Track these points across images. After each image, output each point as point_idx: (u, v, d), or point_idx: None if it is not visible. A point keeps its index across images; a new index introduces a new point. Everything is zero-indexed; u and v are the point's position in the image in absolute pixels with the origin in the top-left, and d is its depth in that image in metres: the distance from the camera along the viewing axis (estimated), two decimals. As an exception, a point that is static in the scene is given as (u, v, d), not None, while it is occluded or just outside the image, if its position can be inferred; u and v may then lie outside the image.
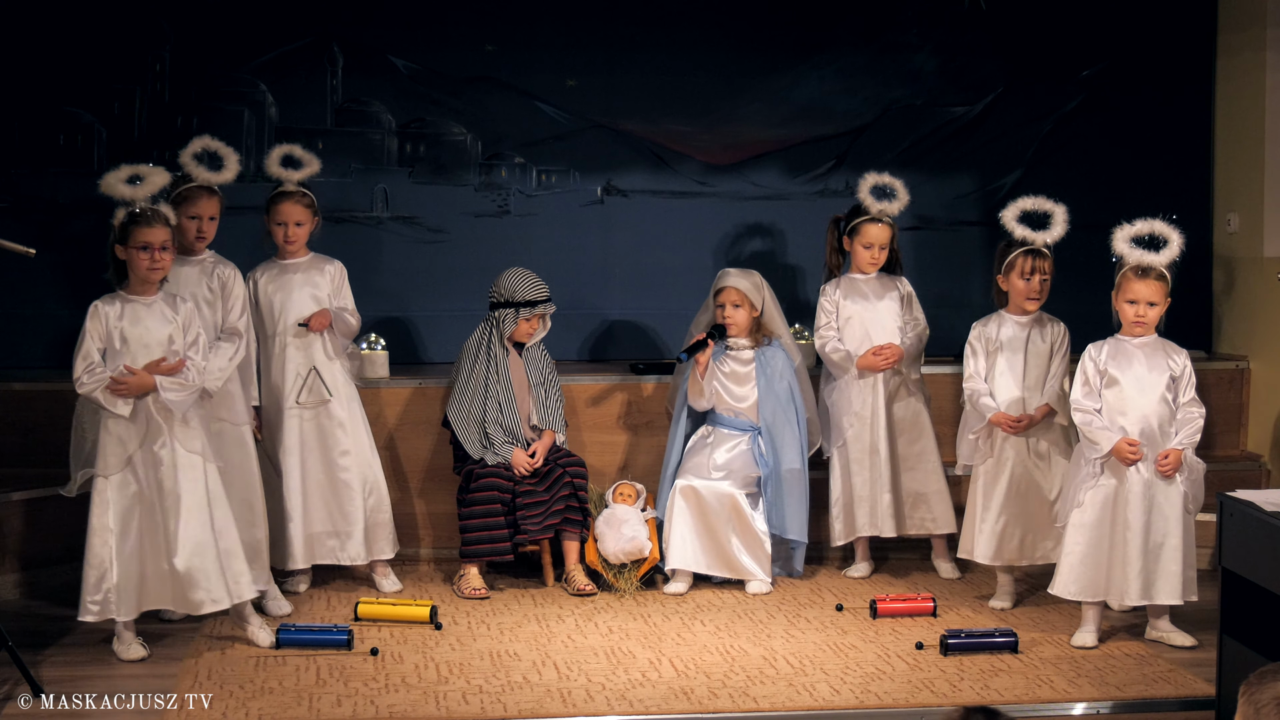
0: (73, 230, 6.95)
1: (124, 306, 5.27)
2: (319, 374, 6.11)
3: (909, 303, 6.51)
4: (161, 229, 5.25)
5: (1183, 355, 5.51)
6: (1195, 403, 5.47)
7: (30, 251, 5.20)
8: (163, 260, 5.26)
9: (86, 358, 5.20)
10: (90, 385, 5.18)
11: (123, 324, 5.24)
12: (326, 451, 6.13)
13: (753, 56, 7.37)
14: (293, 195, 6.11)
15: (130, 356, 5.21)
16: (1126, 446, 5.36)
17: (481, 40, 7.26)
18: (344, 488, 6.14)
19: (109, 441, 5.23)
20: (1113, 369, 5.46)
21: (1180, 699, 4.97)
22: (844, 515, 6.45)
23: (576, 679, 5.09)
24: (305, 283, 6.15)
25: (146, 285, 5.30)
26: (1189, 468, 5.42)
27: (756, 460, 6.30)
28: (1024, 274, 5.93)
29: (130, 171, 5.36)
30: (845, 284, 6.52)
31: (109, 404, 5.19)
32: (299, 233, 6.13)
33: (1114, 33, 7.50)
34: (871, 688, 5.02)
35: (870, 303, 6.46)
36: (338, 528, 6.15)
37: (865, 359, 6.37)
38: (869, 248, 6.45)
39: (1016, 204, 5.97)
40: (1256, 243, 7.15)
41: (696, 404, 6.38)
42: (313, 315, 6.08)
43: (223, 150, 5.90)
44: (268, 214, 6.15)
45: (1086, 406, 5.46)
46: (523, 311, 6.27)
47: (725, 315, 6.34)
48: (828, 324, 6.48)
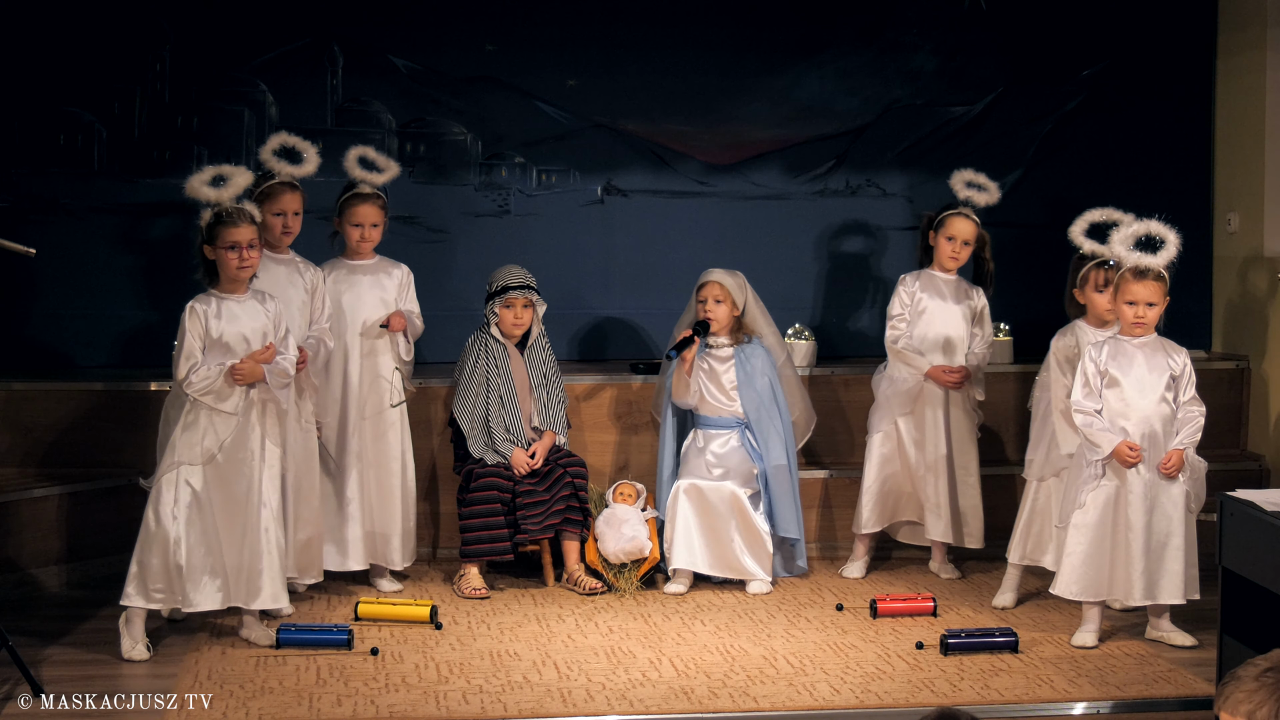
0: (74, 230, 6.96)
1: (219, 305, 5.33)
2: (401, 376, 6.17)
3: (981, 317, 6.46)
4: (248, 227, 5.30)
5: (1182, 354, 5.51)
6: (1195, 401, 5.47)
7: (30, 251, 5.20)
8: (251, 258, 5.32)
9: (190, 357, 5.26)
10: (199, 385, 5.24)
11: (220, 322, 5.29)
12: (381, 455, 6.16)
13: (753, 56, 7.37)
14: (371, 198, 6.15)
15: (228, 354, 5.28)
16: (1127, 450, 5.36)
17: (481, 40, 7.26)
18: (390, 492, 6.17)
19: (200, 432, 5.26)
20: (1113, 369, 5.46)
21: (1180, 699, 4.96)
22: (875, 504, 6.43)
23: (577, 679, 5.09)
24: (374, 285, 6.18)
25: (237, 284, 5.35)
26: (1190, 467, 5.42)
27: (750, 454, 6.30)
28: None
29: (213, 173, 5.41)
30: (924, 278, 6.46)
31: (217, 403, 5.26)
32: (374, 234, 6.17)
33: (1114, 33, 7.50)
34: (871, 688, 5.02)
35: (945, 302, 6.41)
36: (380, 529, 6.17)
37: (934, 371, 6.34)
38: (951, 240, 6.38)
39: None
40: (1256, 243, 7.15)
41: (683, 401, 6.38)
42: (391, 316, 6.11)
43: (300, 144, 5.94)
44: (341, 215, 6.18)
45: (1087, 407, 5.46)
46: (499, 299, 6.28)
47: (707, 310, 6.34)
48: (900, 315, 6.43)
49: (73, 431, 6.51)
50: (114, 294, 7.01)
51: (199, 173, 5.41)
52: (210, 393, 5.25)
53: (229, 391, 5.27)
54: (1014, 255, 7.35)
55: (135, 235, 7.04)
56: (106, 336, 7.01)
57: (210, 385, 5.24)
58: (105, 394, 6.54)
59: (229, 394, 5.27)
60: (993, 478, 6.71)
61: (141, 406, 6.48)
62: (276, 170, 5.87)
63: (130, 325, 7.02)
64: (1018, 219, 7.44)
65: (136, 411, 6.47)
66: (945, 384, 6.34)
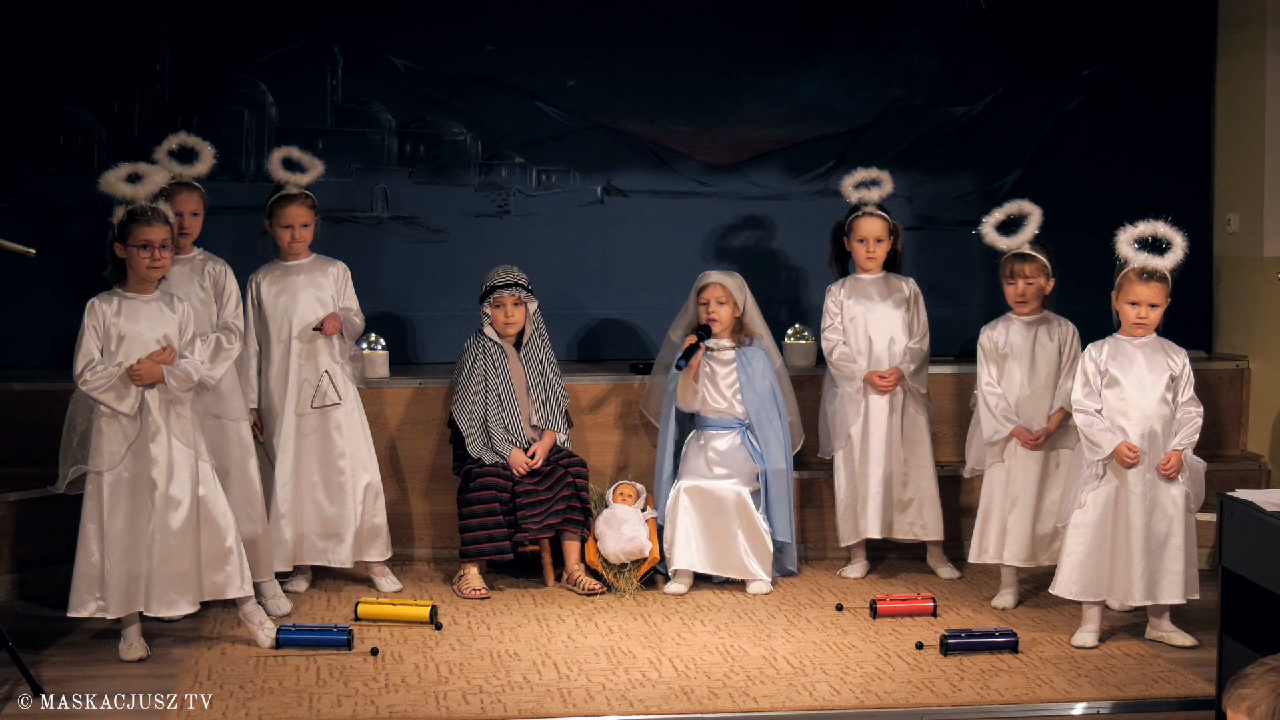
0: (72, 230, 6.95)
1: (121, 304, 5.28)
2: (331, 377, 6.12)
3: (915, 304, 6.49)
4: (161, 227, 5.26)
5: (1182, 355, 5.51)
6: (1194, 402, 5.47)
7: (30, 251, 5.20)
8: (163, 258, 5.28)
9: (87, 355, 5.21)
10: (94, 382, 5.18)
11: (120, 321, 5.24)
12: (324, 454, 6.13)
13: (753, 56, 7.37)
14: (298, 198, 6.11)
15: (126, 354, 5.22)
16: (1126, 450, 5.36)
17: (481, 40, 7.26)
18: (338, 490, 6.14)
19: (106, 437, 5.23)
20: (1113, 369, 5.47)
21: (1180, 699, 4.97)
22: (849, 517, 6.45)
23: (576, 679, 5.09)
24: (309, 284, 6.15)
25: (145, 283, 5.31)
26: (1189, 467, 5.43)
27: (752, 454, 6.30)
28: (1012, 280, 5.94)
29: (129, 170, 5.37)
30: (850, 284, 6.51)
31: (114, 402, 5.20)
32: (305, 234, 6.14)
33: (1114, 33, 7.49)
34: (871, 688, 5.02)
35: (875, 303, 6.45)
36: (329, 530, 6.14)
37: (869, 377, 6.36)
38: (863, 242, 6.44)
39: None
40: (1256, 243, 7.15)
41: (689, 405, 6.38)
42: (325, 319, 6.08)
43: (198, 144, 5.90)
44: (270, 217, 6.14)
45: (1087, 407, 5.46)
46: (489, 299, 6.27)
47: (710, 312, 6.33)
48: (832, 325, 6.47)
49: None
50: (114, 294, 7.01)
51: (115, 169, 5.37)
52: (107, 391, 5.18)
53: (126, 391, 5.20)
54: (1014, 255, 7.36)
55: (135, 235, 7.03)
56: (106, 336, 7.01)
57: (106, 384, 5.18)
58: (105, 394, 6.53)
59: (126, 394, 5.20)
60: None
61: (141, 406, 6.49)
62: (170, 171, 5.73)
63: (130, 325, 7.02)
64: (1017, 219, 7.46)
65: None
66: (880, 389, 6.35)
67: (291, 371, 6.09)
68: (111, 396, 5.19)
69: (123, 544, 5.22)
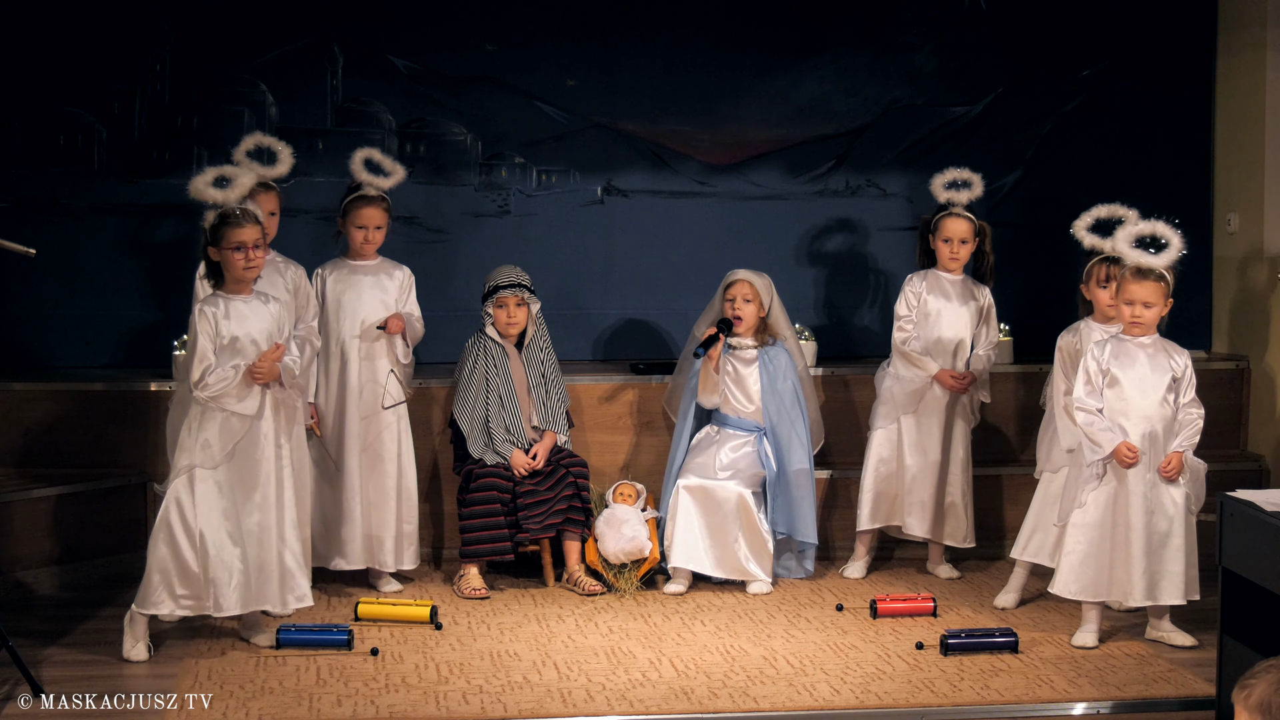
0: (72, 230, 6.96)
1: (227, 306, 5.31)
2: (397, 376, 6.15)
3: (987, 316, 6.45)
4: (253, 228, 5.29)
5: (1184, 356, 5.50)
6: (1195, 403, 5.47)
7: (30, 251, 5.20)
8: (257, 258, 5.31)
9: (203, 360, 5.22)
10: (216, 386, 5.20)
11: (230, 323, 5.28)
12: (376, 456, 6.16)
13: (753, 56, 7.37)
14: (376, 200, 6.17)
15: (238, 355, 5.26)
16: (1125, 450, 5.36)
17: (481, 40, 7.26)
18: (384, 494, 6.17)
19: (214, 435, 5.24)
20: (1115, 368, 5.46)
21: (1180, 699, 4.97)
22: (874, 500, 6.43)
23: (577, 679, 5.09)
24: (375, 286, 6.19)
25: (242, 284, 5.34)
26: (1190, 469, 5.42)
27: (762, 461, 6.30)
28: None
29: (216, 174, 5.40)
30: (930, 278, 6.45)
31: (235, 405, 5.23)
32: (378, 236, 6.19)
33: (1114, 33, 7.50)
34: (871, 688, 5.02)
35: (951, 303, 6.40)
36: (375, 531, 6.17)
37: (942, 375, 6.34)
38: (947, 242, 6.38)
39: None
40: (1256, 243, 7.15)
41: (708, 400, 6.37)
42: (389, 319, 6.10)
43: (275, 145, 5.96)
44: (345, 216, 6.19)
45: (1089, 406, 5.45)
46: (492, 299, 6.28)
47: (735, 309, 6.33)
48: (907, 317, 6.42)
49: (72, 432, 6.51)
50: (114, 294, 7.01)
51: (202, 174, 5.40)
52: (227, 395, 5.22)
53: (246, 392, 5.24)
54: (1014, 255, 7.35)
55: (135, 236, 7.04)
56: (106, 337, 7.01)
57: (227, 387, 5.21)
58: (105, 394, 6.54)
59: (246, 395, 5.24)
60: (991, 477, 6.71)
61: (141, 407, 6.49)
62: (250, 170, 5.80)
63: (130, 325, 7.02)
64: (1018, 219, 7.46)
65: (136, 412, 6.47)
66: (952, 389, 6.34)
67: (351, 371, 6.13)
68: (232, 400, 5.23)
69: (239, 540, 5.24)
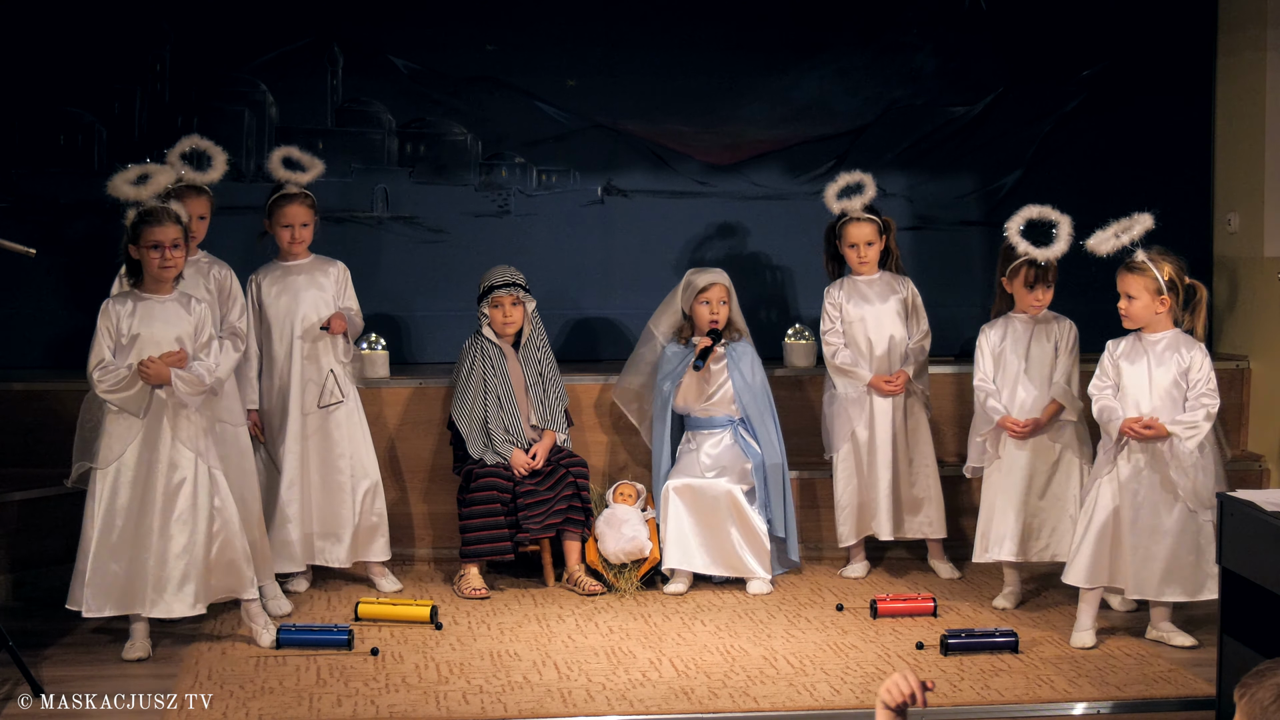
0: (73, 230, 6.96)
1: (136, 304, 5.29)
2: (335, 376, 6.12)
3: (914, 304, 6.49)
4: (172, 226, 5.27)
5: (1196, 351, 5.48)
6: (1207, 396, 5.43)
7: (30, 251, 5.21)
8: (174, 258, 5.28)
9: (98, 355, 5.22)
10: (105, 382, 5.19)
11: (134, 321, 5.25)
12: (325, 453, 6.14)
13: (753, 56, 7.37)
14: (298, 197, 6.12)
15: (139, 354, 5.22)
16: (1132, 424, 5.35)
17: (481, 40, 7.26)
18: (337, 490, 6.14)
19: (110, 435, 5.24)
20: (1123, 364, 5.51)
21: (1180, 699, 4.96)
22: (849, 518, 6.45)
23: (577, 679, 5.09)
24: (310, 284, 6.16)
25: (160, 284, 5.32)
26: (1178, 457, 5.38)
27: (745, 450, 6.30)
28: (1027, 283, 5.93)
29: (138, 172, 5.39)
30: (848, 285, 6.51)
31: (124, 402, 5.21)
32: (305, 234, 6.15)
33: (1114, 33, 7.50)
34: (871, 688, 5.02)
35: (873, 305, 6.45)
36: (328, 529, 6.14)
37: (875, 381, 6.36)
38: (853, 247, 6.44)
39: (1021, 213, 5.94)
40: (1256, 243, 7.15)
41: (689, 407, 6.38)
42: (330, 318, 6.09)
43: (211, 149, 5.92)
44: (270, 216, 6.14)
45: (1103, 398, 5.49)
46: (487, 299, 6.28)
47: (713, 311, 6.33)
48: (832, 329, 6.46)
49: (71, 432, 6.47)
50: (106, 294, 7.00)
51: (123, 171, 5.38)
52: (117, 392, 5.19)
53: (134, 390, 5.19)
54: (1014, 255, 7.36)
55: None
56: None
57: (117, 385, 5.18)
58: (106, 394, 6.53)
59: (134, 394, 5.19)
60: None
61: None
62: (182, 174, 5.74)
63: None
64: (1017, 219, 7.46)
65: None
66: (888, 393, 6.36)
67: (294, 372, 6.10)
68: (121, 396, 5.20)
69: (121, 543, 5.22)
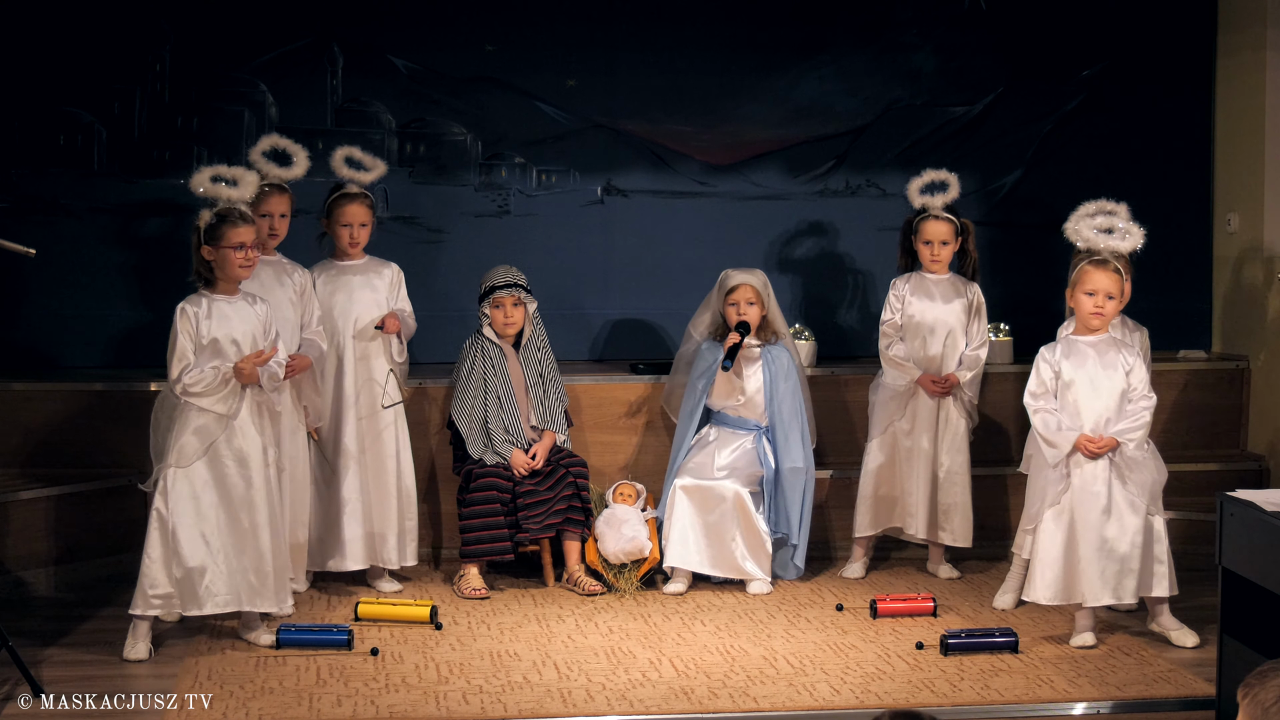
0: (72, 230, 6.96)
1: (210, 306, 5.30)
2: (395, 376, 6.15)
3: (977, 311, 6.44)
4: (251, 228, 5.31)
5: (1134, 352, 5.47)
6: (1144, 395, 5.42)
7: (30, 251, 5.21)
8: (254, 258, 5.33)
9: (182, 359, 5.24)
10: (195, 386, 5.21)
11: (211, 323, 5.27)
12: (378, 453, 6.16)
13: (753, 56, 7.37)
14: (358, 197, 6.14)
15: (218, 355, 5.25)
16: (1085, 442, 5.34)
17: (481, 40, 7.26)
18: (385, 493, 6.16)
19: (189, 436, 5.24)
20: (1066, 370, 5.44)
21: (1180, 699, 4.97)
22: (870, 509, 6.43)
23: (577, 679, 5.09)
24: (365, 285, 6.17)
25: (231, 285, 5.34)
26: (1128, 459, 5.37)
27: (760, 460, 6.30)
28: None
29: (213, 172, 5.41)
30: (915, 280, 6.45)
31: (214, 404, 5.23)
32: (363, 234, 6.16)
33: (1114, 33, 7.50)
34: (871, 688, 5.02)
35: (935, 303, 6.39)
36: (377, 529, 6.16)
37: (923, 380, 6.34)
38: (927, 244, 6.37)
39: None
40: (1256, 242, 7.15)
41: (722, 402, 6.36)
42: (385, 318, 6.10)
43: (291, 147, 5.96)
44: (329, 215, 6.16)
45: (1043, 408, 5.44)
46: (488, 299, 6.28)
47: (741, 313, 6.31)
48: (891, 320, 6.42)
49: (71, 432, 6.51)
50: (114, 294, 7.02)
51: (201, 171, 5.43)
52: (205, 395, 5.22)
53: (224, 392, 5.24)
54: (1013, 255, 7.36)
55: (135, 236, 7.04)
56: (106, 337, 7.01)
57: (206, 387, 5.22)
58: (104, 394, 6.54)
59: (224, 394, 5.24)
60: (992, 477, 6.71)
61: (140, 407, 6.46)
62: (265, 172, 5.85)
63: (129, 325, 7.02)
64: (1017, 219, 7.46)
65: (135, 412, 6.46)
66: (934, 394, 6.34)
67: (348, 372, 6.11)
68: (213, 399, 5.23)
69: (213, 541, 5.24)
